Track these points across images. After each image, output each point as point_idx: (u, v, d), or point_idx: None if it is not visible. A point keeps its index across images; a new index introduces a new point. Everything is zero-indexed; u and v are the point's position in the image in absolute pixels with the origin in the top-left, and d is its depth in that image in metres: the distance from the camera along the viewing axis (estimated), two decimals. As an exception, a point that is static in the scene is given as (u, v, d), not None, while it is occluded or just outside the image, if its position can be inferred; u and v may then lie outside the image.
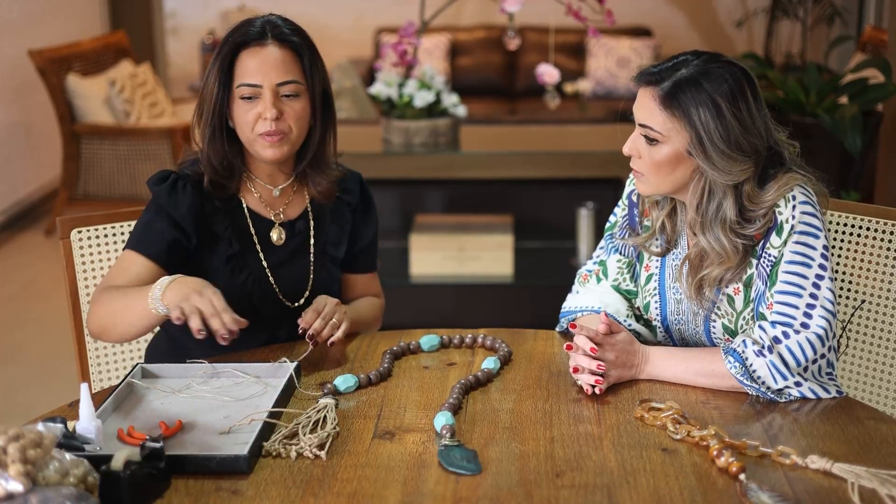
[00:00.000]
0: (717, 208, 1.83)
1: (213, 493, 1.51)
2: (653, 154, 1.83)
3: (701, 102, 1.77)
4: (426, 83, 3.90)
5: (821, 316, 1.78)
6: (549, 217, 4.37)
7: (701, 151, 1.79)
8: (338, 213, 2.17)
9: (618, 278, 2.06)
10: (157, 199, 2.02)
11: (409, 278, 4.09)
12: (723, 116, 1.77)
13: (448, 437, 1.64)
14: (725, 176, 1.80)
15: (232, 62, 1.98)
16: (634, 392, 1.83)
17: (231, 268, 2.05)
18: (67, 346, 2.28)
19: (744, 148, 1.79)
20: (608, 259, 2.08)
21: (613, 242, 2.08)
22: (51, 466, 1.39)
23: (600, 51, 7.23)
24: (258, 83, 1.97)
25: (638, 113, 1.85)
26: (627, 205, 2.07)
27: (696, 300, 1.92)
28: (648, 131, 1.83)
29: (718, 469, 1.55)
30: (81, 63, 5.82)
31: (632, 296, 2.06)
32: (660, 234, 1.98)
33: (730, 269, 1.86)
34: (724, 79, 1.79)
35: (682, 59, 1.83)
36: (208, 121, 2.00)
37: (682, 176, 1.84)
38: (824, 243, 1.81)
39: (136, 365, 1.90)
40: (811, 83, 4.24)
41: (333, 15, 7.82)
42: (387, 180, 4.13)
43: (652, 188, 1.88)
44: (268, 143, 2.00)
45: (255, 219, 2.09)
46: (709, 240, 1.85)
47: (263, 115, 1.97)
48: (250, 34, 1.98)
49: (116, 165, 5.64)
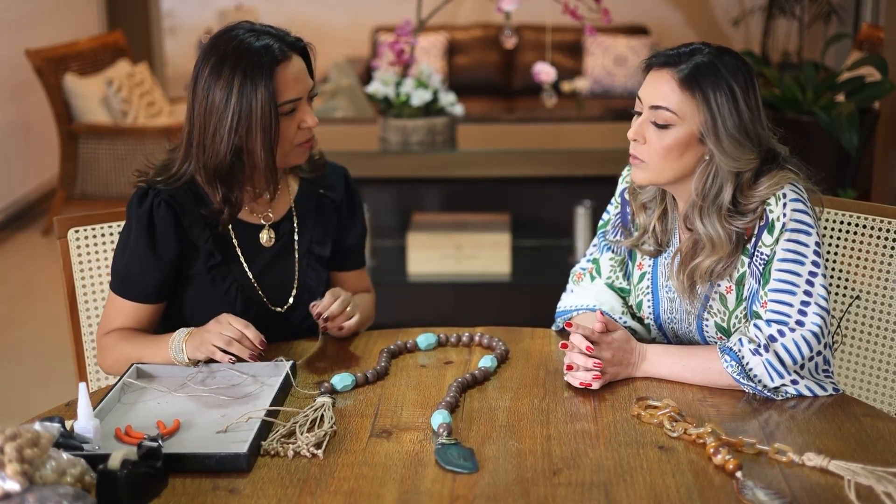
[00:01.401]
0: (716, 193, 1.84)
1: (210, 491, 1.51)
2: (662, 138, 1.82)
3: (719, 86, 1.80)
4: (423, 82, 3.89)
5: (815, 313, 1.78)
6: (546, 215, 4.37)
7: (714, 134, 1.80)
8: (322, 211, 2.17)
9: (611, 276, 2.06)
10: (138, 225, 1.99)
11: (406, 277, 4.09)
12: (737, 102, 1.80)
13: (445, 436, 1.64)
14: (733, 162, 1.81)
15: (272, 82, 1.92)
16: (631, 390, 1.83)
17: (213, 277, 2.05)
18: (65, 345, 2.27)
19: (751, 136, 1.81)
20: (601, 257, 2.08)
21: (606, 240, 2.08)
22: (48, 466, 1.39)
23: (597, 49, 7.23)
24: (299, 97, 1.97)
25: (651, 96, 1.84)
26: (620, 202, 2.06)
27: (688, 297, 1.92)
28: (660, 113, 1.82)
29: (715, 466, 1.55)
30: (79, 63, 5.81)
31: (625, 293, 2.06)
32: (650, 236, 1.98)
33: (721, 260, 1.86)
34: (737, 68, 1.82)
35: (696, 47, 1.85)
36: (264, 144, 1.93)
37: (688, 163, 1.84)
38: (816, 240, 1.81)
39: (131, 365, 1.90)
40: (808, 81, 4.25)
41: (330, 14, 7.82)
42: (384, 179, 4.13)
43: (652, 175, 1.86)
44: (305, 150, 2.02)
45: (240, 228, 2.08)
46: (706, 226, 1.85)
47: (304, 125, 1.98)
48: (276, 52, 1.92)
49: (114, 165, 5.63)
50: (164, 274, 2.01)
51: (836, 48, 6.60)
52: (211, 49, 1.95)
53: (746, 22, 7.53)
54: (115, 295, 2.03)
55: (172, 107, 6.16)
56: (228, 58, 1.92)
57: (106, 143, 5.61)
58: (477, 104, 6.69)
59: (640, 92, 1.87)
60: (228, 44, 1.94)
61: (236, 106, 1.91)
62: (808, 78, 4.26)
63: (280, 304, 2.12)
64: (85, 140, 5.63)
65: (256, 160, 1.95)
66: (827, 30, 6.76)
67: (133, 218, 2.00)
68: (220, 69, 1.92)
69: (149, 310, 2.03)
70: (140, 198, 2.01)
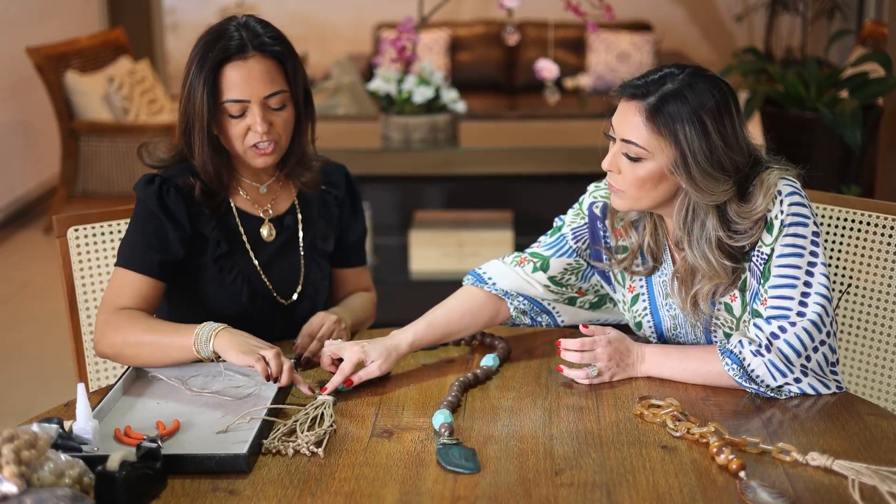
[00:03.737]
0: (701, 227, 1.79)
1: (209, 493, 1.50)
2: (635, 170, 1.78)
3: (687, 119, 1.73)
4: (425, 79, 3.88)
5: (815, 302, 1.76)
6: (548, 213, 4.32)
7: (684, 171, 1.74)
8: (324, 206, 2.16)
9: (558, 276, 2.00)
10: (147, 205, 2.00)
11: (408, 275, 4.08)
12: (708, 134, 1.73)
13: (446, 436, 1.63)
14: (707, 196, 1.76)
15: (216, 76, 1.94)
16: (634, 389, 1.82)
17: (220, 267, 2.04)
18: (66, 345, 2.27)
19: (726, 167, 1.75)
20: (552, 258, 2.00)
21: (568, 245, 1.99)
22: (46, 467, 1.38)
23: (600, 46, 7.21)
24: (245, 98, 1.94)
25: (620, 128, 1.80)
26: (588, 215, 1.99)
27: (692, 315, 1.90)
28: (630, 147, 1.77)
29: (718, 466, 1.54)
30: (80, 60, 5.80)
31: (565, 289, 2.01)
32: (646, 253, 1.93)
33: (721, 284, 1.84)
34: (710, 94, 1.75)
35: (668, 71, 1.78)
36: (199, 135, 1.97)
37: (665, 193, 1.80)
38: (814, 230, 1.78)
39: (128, 367, 1.89)
40: (811, 77, 4.23)
41: (332, 10, 7.80)
42: (386, 177, 4.12)
43: (630, 203, 1.82)
44: (259, 154, 1.99)
45: (244, 218, 2.08)
46: (696, 256, 1.81)
47: (254, 129, 1.96)
48: (231, 48, 1.93)
49: (115, 163, 5.62)
50: (173, 249, 1.99)
51: (840, 44, 6.58)
52: (202, 33, 2.01)
53: (750, 18, 7.52)
54: (121, 270, 1.98)
55: (174, 104, 6.15)
56: (198, 44, 1.98)
57: (107, 140, 5.60)
58: (479, 101, 6.68)
59: (612, 119, 1.82)
60: (210, 31, 1.99)
61: (187, 92, 1.97)
62: (811, 74, 4.24)
63: (286, 297, 2.11)
64: (86, 138, 5.62)
65: (195, 150, 1.99)
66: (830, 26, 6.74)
67: (142, 197, 2.01)
68: (191, 53, 1.99)
69: (154, 286, 1.98)
70: (147, 182, 2.02)
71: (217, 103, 1.95)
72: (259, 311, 2.07)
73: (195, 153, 2.00)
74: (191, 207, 2.02)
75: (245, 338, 1.84)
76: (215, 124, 1.98)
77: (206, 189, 2.02)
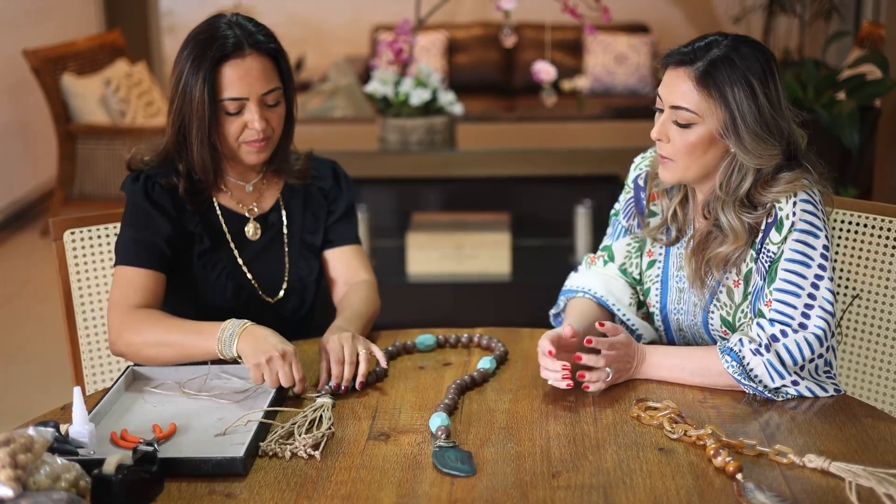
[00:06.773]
0: (737, 185, 1.83)
1: (206, 496, 1.50)
2: (685, 136, 1.81)
3: (735, 82, 1.77)
4: (422, 81, 3.88)
5: (819, 316, 1.77)
6: (546, 215, 4.36)
7: (734, 133, 1.78)
8: (311, 199, 2.16)
9: (625, 262, 2.05)
10: (136, 200, 2.02)
11: (406, 277, 4.08)
12: (756, 97, 1.78)
13: (443, 439, 1.63)
14: (755, 159, 1.80)
15: (213, 74, 1.94)
16: (631, 391, 1.82)
17: (203, 264, 2.05)
18: (64, 347, 2.26)
19: (772, 130, 1.79)
20: (614, 243, 2.06)
21: (621, 226, 2.06)
22: (42, 471, 1.38)
23: (597, 47, 7.22)
24: (244, 96, 1.95)
25: (670, 95, 1.82)
26: (633, 188, 2.04)
27: (699, 285, 1.91)
28: (681, 113, 1.80)
29: (715, 468, 1.54)
30: (77, 62, 5.80)
31: (637, 283, 2.05)
32: (671, 222, 1.97)
33: (738, 249, 1.85)
34: (755, 58, 1.79)
35: (713, 39, 1.83)
36: (198, 133, 1.97)
37: (713, 159, 1.83)
38: (825, 243, 1.80)
39: (126, 368, 1.89)
40: (809, 79, 4.23)
41: (330, 12, 7.80)
42: (383, 179, 4.12)
43: (680, 173, 1.85)
44: (254, 150, 2.00)
45: (228, 215, 2.09)
46: (728, 217, 1.84)
47: (251, 126, 1.96)
48: (228, 46, 1.94)
49: (112, 165, 5.62)
50: (167, 238, 2.00)
51: (837, 46, 6.59)
52: (191, 32, 2.01)
53: (747, 19, 7.52)
54: (122, 268, 1.98)
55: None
56: (189, 43, 1.98)
57: (104, 143, 5.60)
58: (476, 103, 6.68)
59: (659, 90, 1.86)
60: (200, 30, 2.00)
61: (182, 91, 1.96)
62: (808, 76, 4.24)
63: (271, 294, 2.11)
64: (83, 140, 5.62)
65: (192, 148, 1.99)
66: (828, 27, 6.74)
67: (130, 194, 2.04)
68: (183, 52, 1.98)
69: (157, 279, 1.99)
70: (132, 180, 2.05)
71: (214, 101, 1.96)
72: (245, 307, 2.06)
73: (192, 152, 2.00)
74: (175, 203, 2.04)
75: (262, 341, 1.81)
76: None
77: (190, 188, 2.03)
